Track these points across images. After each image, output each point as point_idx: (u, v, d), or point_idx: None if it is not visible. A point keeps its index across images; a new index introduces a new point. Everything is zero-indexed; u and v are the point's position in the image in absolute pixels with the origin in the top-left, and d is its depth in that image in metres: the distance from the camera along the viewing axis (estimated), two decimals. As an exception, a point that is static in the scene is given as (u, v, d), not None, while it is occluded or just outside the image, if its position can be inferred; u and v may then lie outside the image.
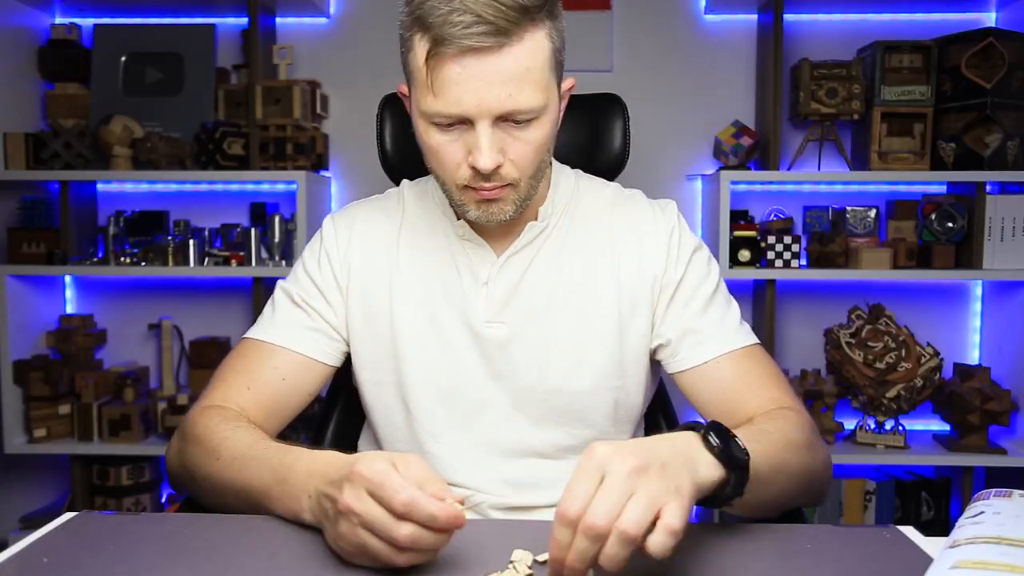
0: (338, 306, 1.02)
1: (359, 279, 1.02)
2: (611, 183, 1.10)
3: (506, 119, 0.85)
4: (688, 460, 0.66)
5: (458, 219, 1.00)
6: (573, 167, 1.11)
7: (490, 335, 0.98)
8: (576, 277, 1.00)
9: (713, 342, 0.98)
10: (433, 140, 0.88)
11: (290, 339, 0.99)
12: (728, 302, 1.02)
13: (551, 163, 1.06)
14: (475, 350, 0.98)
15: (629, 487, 0.60)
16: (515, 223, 0.99)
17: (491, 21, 0.80)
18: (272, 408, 0.97)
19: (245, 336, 1.02)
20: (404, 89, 0.94)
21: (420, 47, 0.84)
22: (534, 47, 0.84)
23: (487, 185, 0.88)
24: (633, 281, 1.00)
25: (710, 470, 0.68)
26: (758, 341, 1.01)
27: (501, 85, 0.82)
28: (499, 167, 0.87)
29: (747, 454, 0.72)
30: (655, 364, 1.04)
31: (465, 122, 0.85)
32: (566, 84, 0.95)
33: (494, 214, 0.92)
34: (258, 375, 0.97)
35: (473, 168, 0.87)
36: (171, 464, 0.95)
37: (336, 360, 1.02)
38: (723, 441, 0.70)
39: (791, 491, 0.85)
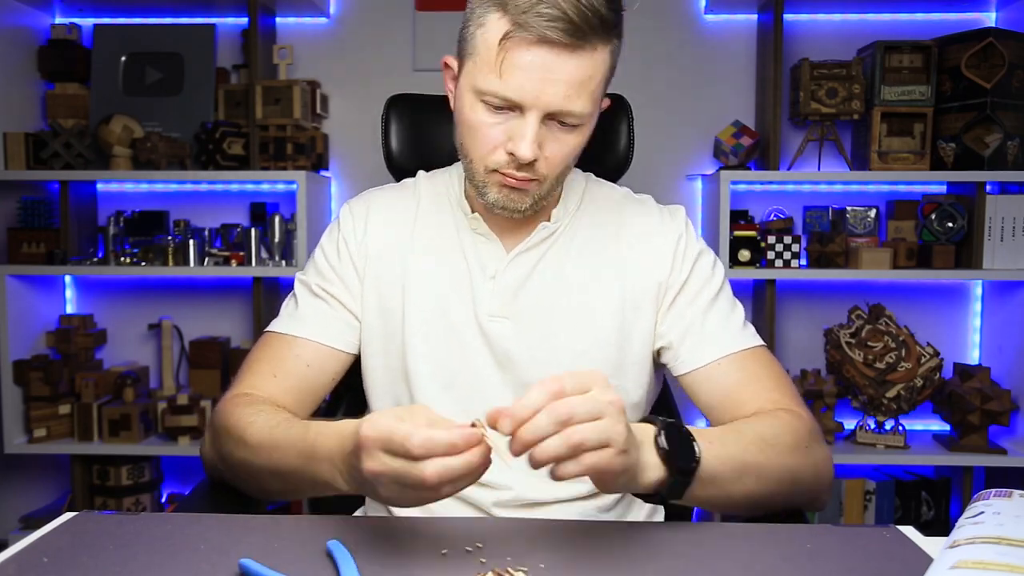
0: (356, 291, 1.04)
1: (374, 265, 1.04)
2: (621, 187, 1.12)
3: (553, 118, 0.88)
4: (639, 453, 0.73)
5: (472, 212, 1.02)
6: (577, 167, 1.11)
7: (494, 328, 0.99)
8: (582, 277, 1.01)
9: (715, 344, 0.98)
10: (478, 118, 0.90)
11: (311, 330, 1.01)
12: (732, 305, 1.03)
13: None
14: (480, 341, 1.00)
15: (603, 410, 0.66)
16: (527, 222, 1.01)
17: (574, 21, 0.83)
18: (300, 394, 0.99)
19: (267, 329, 1.04)
20: (451, 61, 0.96)
21: (496, 25, 0.86)
22: (600, 59, 0.88)
23: (517, 174, 0.91)
24: (639, 284, 1.01)
25: (654, 472, 0.74)
26: (763, 343, 1.01)
27: (563, 84, 0.86)
28: (535, 161, 0.90)
29: (696, 461, 0.76)
30: (658, 368, 1.05)
31: (515, 109, 0.88)
32: (604, 102, 0.97)
33: (513, 201, 0.94)
34: (283, 363, 0.99)
35: (510, 154, 0.89)
36: (206, 456, 0.98)
37: (357, 348, 1.04)
38: (672, 444, 0.75)
39: (763, 492, 0.85)
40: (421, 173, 1.12)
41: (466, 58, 0.91)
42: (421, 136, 1.26)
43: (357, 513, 1.13)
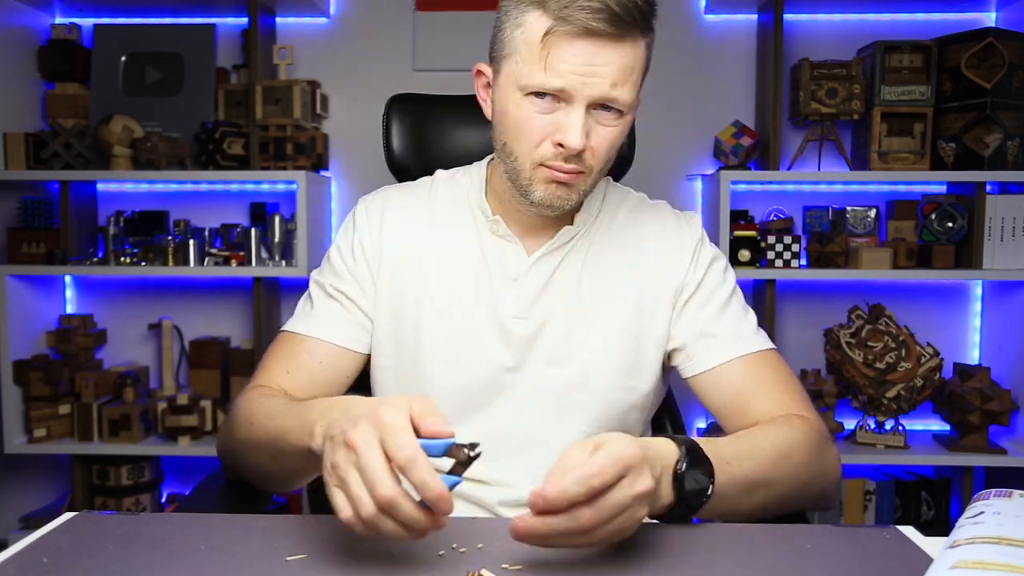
0: (369, 291, 1.04)
1: (388, 264, 1.04)
2: (637, 192, 1.12)
3: (599, 107, 0.90)
4: (658, 484, 0.72)
5: (493, 215, 1.02)
6: None
7: (516, 330, 1.00)
8: (601, 280, 1.02)
9: (727, 345, 1.00)
10: (523, 113, 0.91)
11: (325, 331, 1.02)
12: (745, 309, 1.05)
13: None
14: (498, 342, 1.00)
15: (626, 504, 0.66)
16: (548, 225, 1.02)
17: (616, 13, 0.85)
18: (312, 390, 0.99)
19: (283, 329, 1.05)
20: (484, 68, 0.98)
21: (538, 23, 0.88)
22: (639, 51, 0.90)
23: (566, 166, 0.92)
24: (655, 287, 1.02)
25: (664, 499, 0.75)
26: (774, 347, 1.02)
27: (608, 74, 0.87)
28: (583, 151, 0.90)
29: (707, 494, 0.77)
30: (666, 370, 1.06)
31: (561, 101, 0.89)
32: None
33: (560, 199, 0.95)
34: (296, 360, 1.00)
35: (559, 146, 0.90)
36: (219, 447, 1.00)
37: (370, 348, 1.04)
38: (689, 474, 0.75)
39: (773, 504, 0.87)
40: (440, 172, 1.11)
41: (504, 60, 0.92)
42: (422, 136, 1.26)
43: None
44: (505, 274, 1.01)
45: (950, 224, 2.08)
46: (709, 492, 0.77)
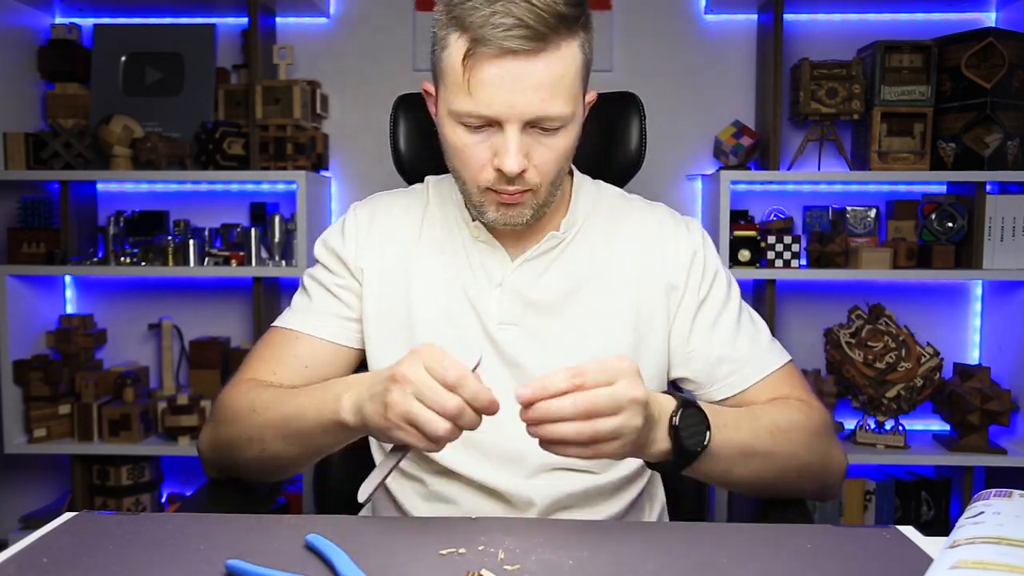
0: (356, 290, 1.03)
1: (377, 269, 1.02)
2: (634, 196, 1.10)
3: (534, 125, 0.87)
4: (650, 432, 0.77)
5: (473, 220, 1.01)
6: (588, 167, 1.10)
7: (502, 336, 0.98)
8: (594, 287, 1.00)
9: (748, 370, 0.98)
10: (460, 140, 0.89)
11: (313, 326, 1.01)
12: (753, 322, 1.03)
13: (572, 172, 1.07)
14: (489, 349, 0.98)
15: (623, 405, 0.71)
16: (533, 230, 1.00)
17: (531, 26, 0.82)
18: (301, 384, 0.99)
19: (272, 325, 1.04)
20: (429, 87, 0.96)
21: (457, 46, 0.85)
22: (568, 56, 0.86)
23: (510, 189, 0.90)
24: (652, 295, 1.00)
25: (661, 445, 0.79)
26: (789, 357, 1.01)
27: (535, 90, 0.84)
28: (523, 172, 0.88)
29: (703, 447, 0.79)
30: (672, 384, 1.05)
31: (494, 124, 0.87)
32: (589, 96, 0.96)
33: (512, 217, 0.93)
34: (283, 362, 0.99)
35: (498, 170, 0.88)
36: (204, 445, 0.98)
37: (359, 343, 1.03)
38: (686, 426, 0.79)
39: (768, 477, 0.88)
40: (430, 179, 1.10)
41: (439, 82, 0.91)
42: (430, 135, 1.25)
43: (362, 514, 1.13)
44: (489, 280, 0.99)
45: (950, 224, 2.08)
46: (706, 443, 0.79)
